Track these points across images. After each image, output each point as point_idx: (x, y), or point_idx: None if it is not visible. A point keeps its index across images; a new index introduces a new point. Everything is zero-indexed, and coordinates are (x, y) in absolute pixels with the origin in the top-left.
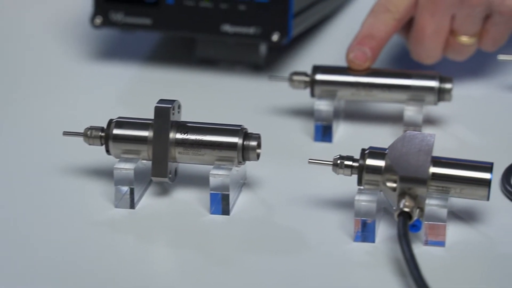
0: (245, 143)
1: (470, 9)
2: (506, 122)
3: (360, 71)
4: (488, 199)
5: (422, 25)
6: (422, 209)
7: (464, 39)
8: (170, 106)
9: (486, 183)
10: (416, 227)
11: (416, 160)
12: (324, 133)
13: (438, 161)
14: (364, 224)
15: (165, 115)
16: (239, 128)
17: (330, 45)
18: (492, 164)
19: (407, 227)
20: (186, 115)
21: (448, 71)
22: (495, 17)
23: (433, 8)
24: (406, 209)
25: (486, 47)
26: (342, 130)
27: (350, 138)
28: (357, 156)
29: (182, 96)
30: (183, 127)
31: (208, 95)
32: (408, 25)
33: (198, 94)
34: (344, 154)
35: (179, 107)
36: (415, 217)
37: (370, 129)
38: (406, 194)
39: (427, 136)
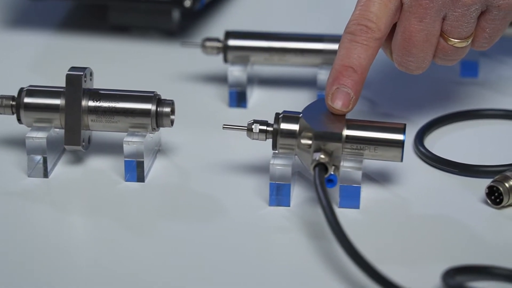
0: (158, 109)
1: (464, 9)
2: (417, 84)
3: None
4: (401, 160)
5: (409, 32)
6: (337, 167)
7: (457, 41)
8: (81, 73)
9: (400, 144)
10: (332, 182)
11: (330, 119)
12: (238, 98)
13: (352, 124)
14: (279, 188)
15: (76, 83)
16: (152, 94)
17: (243, 11)
18: (405, 125)
19: (323, 177)
20: (99, 83)
21: None
22: (492, 12)
23: (421, 12)
24: (322, 161)
25: (481, 46)
26: (256, 95)
27: (265, 103)
28: (271, 120)
29: (95, 64)
30: (96, 94)
31: (121, 62)
32: (390, 33)
33: (111, 61)
34: (259, 119)
35: (91, 74)
36: (330, 172)
37: (285, 94)
38: (322, 150)
39: None
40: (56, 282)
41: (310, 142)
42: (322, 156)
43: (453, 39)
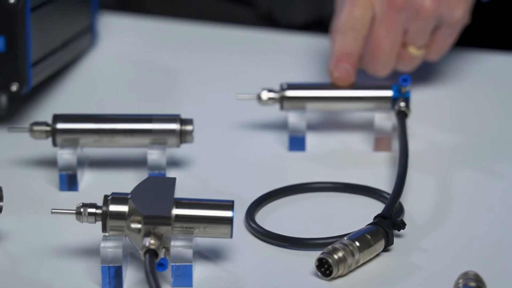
0: None
1: (423, 23)
2: (246, 159)
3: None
4: (231, 236)
5: (378, 41)
6: (168, 249)
7: (414, 50)
8: None
9: (228, 221)
10: (163, 265)
11: (159, 201)
12: (69, 182)
13: (181, 202)
14: (111, 271)
15: None
16: None
17: (72, 93)
18: (233, 202)
19: (153, 264)
20: None
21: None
22: (443, 28)
23: (389, 24)
24: (152, 247)
25: (432, 57)
26: (87, 177)
27: (96, 185)
28: (101, 203)
29: None
30: None
31: None
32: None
33: None
34: (90, 201)
35: None
36: (161, 256)
37: (116, 175)
38: (151, 234)
39: (169, 179)
40: None
41: (139, 226)
42: (152, 241)
43: (410, 48)
